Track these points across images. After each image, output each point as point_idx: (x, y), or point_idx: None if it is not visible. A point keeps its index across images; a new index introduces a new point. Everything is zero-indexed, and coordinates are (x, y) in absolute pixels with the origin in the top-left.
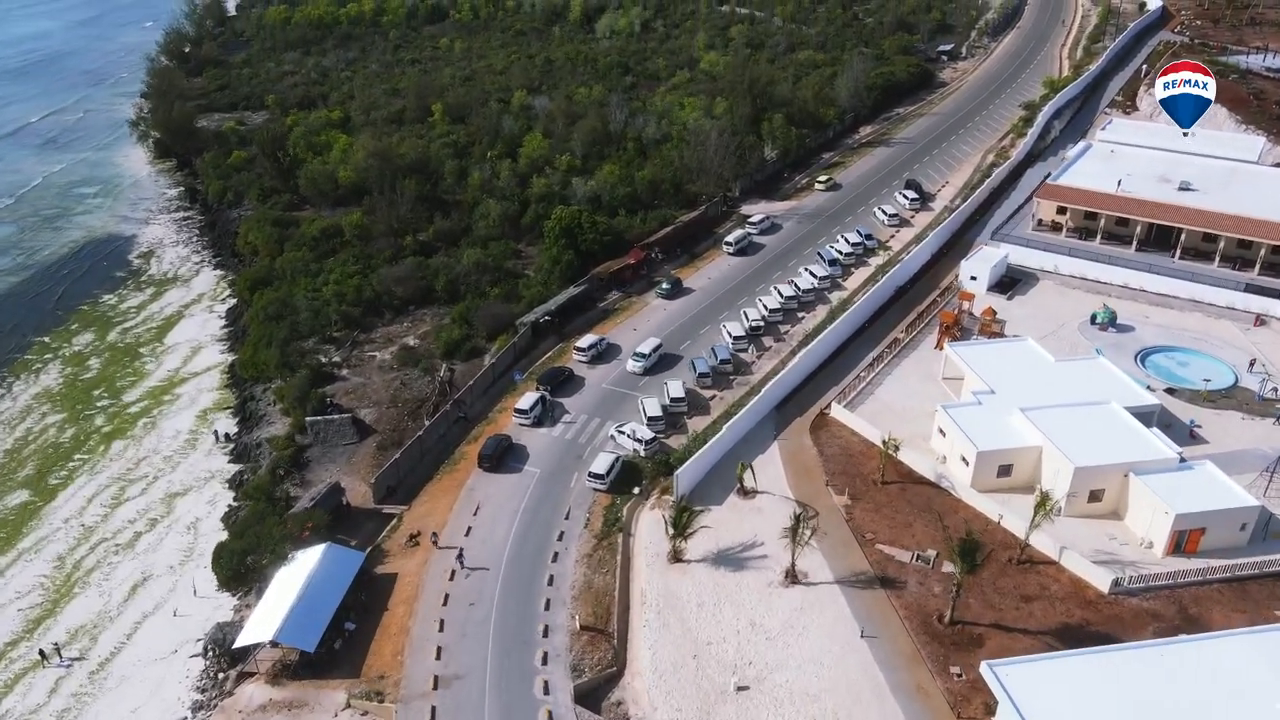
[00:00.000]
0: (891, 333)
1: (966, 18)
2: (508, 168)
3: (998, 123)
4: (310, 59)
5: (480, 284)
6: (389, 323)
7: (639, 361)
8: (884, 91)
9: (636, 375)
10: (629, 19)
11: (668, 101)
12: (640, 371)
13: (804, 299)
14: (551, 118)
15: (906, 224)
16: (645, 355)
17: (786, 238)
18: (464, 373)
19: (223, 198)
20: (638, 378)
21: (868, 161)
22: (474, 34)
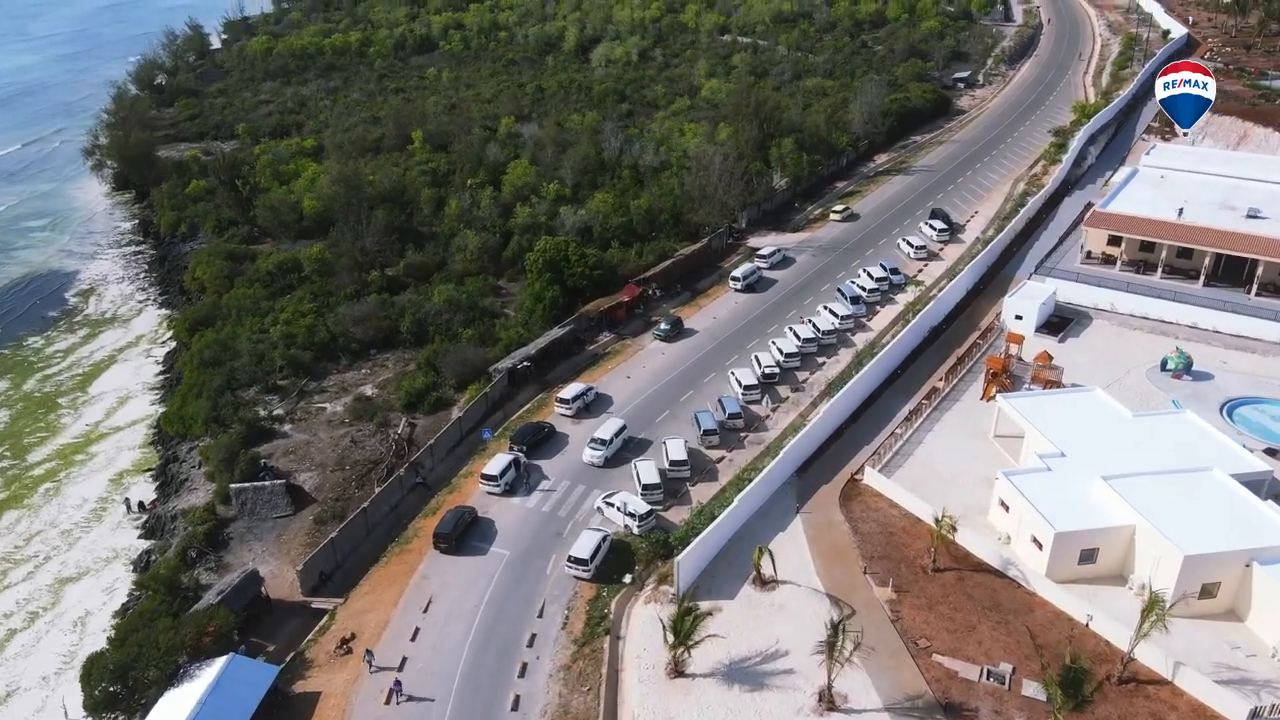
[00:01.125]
0: (928, 381)
1: (982, 45)
2: (489, 196)
3: (1025, 150)
4: (289, 89)
5: (452, 325)
6: (345, 369)
7: (598, 450)
8: (900, 118)
9: (596, 468)
10: (626, 48)
11: (667, 128)
12: (600, 463)
13: (824, 342)
14: (540, 145)
15: (935, 257)
16: (605, 442)
17: (801, 272)
18: (427, 428)
19: (175, 230)
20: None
21: (886, 190)
22: (464, 64)
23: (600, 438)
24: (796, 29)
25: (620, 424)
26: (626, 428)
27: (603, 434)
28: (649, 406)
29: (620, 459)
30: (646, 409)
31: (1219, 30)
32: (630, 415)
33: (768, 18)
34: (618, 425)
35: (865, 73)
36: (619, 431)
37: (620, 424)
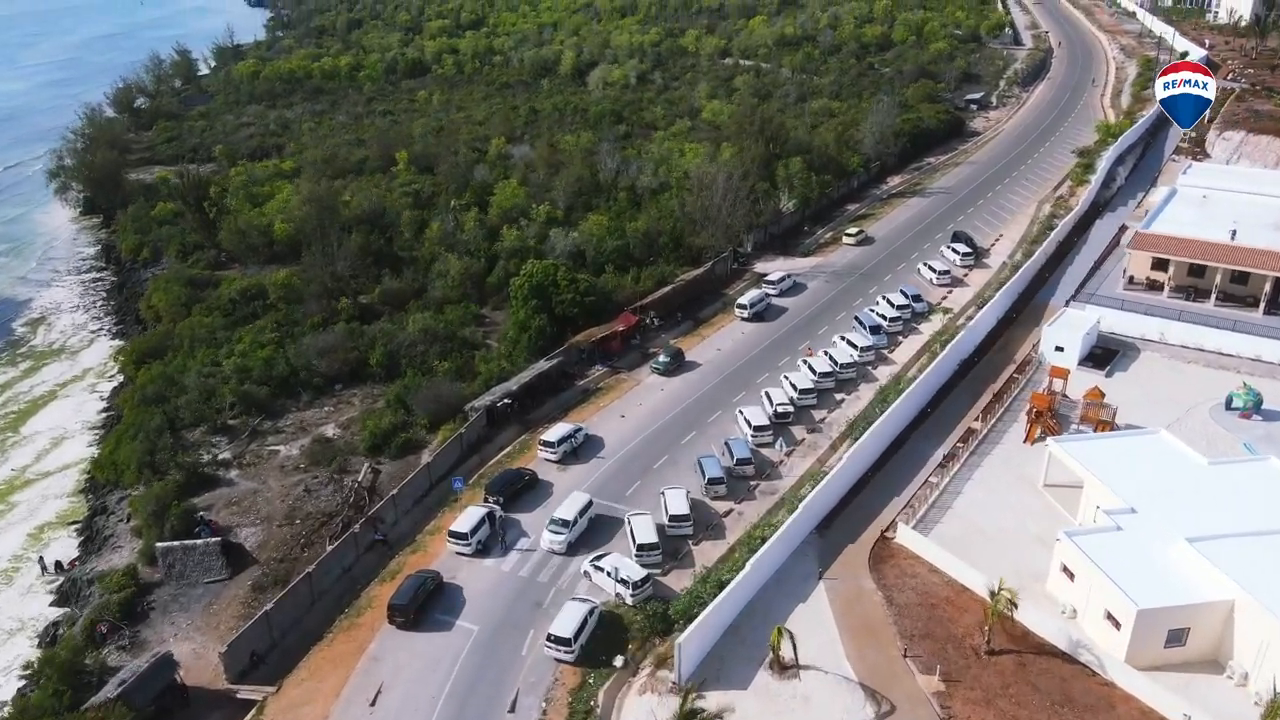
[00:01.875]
0: (963, 421)
1: (993, 68)
2: (474, 218)
3: (1047, 171)
4: (274, 112)
5: (427, 357)
6: (305, 406)
7: (560, 533)
8: (912, 138)
9: (559, 554)
10: (624, 71)
11: (666, 148)
12: (563, 549)
13: (843, 376)
14: (531, 167)
15: (960, 283)
16: (568, 523)
17: (813, 299)
18: (392, 475)
19: (137, 255)
20: (620, 482)
21: (902, 213)
22: (456, 88)
23: (562, 518)
24: (800, 52)
25: (585, 499)
26: (593, 503)
27: (564, 513)
28: (645, 450)
29: (586, 540)
30: (642, 453)
31: (1238, 53)
32: (624, 460)
33: (770, 41)
34: (582, 501)
35: (873, 94)
36: (584, 509)
37: (585, 499)
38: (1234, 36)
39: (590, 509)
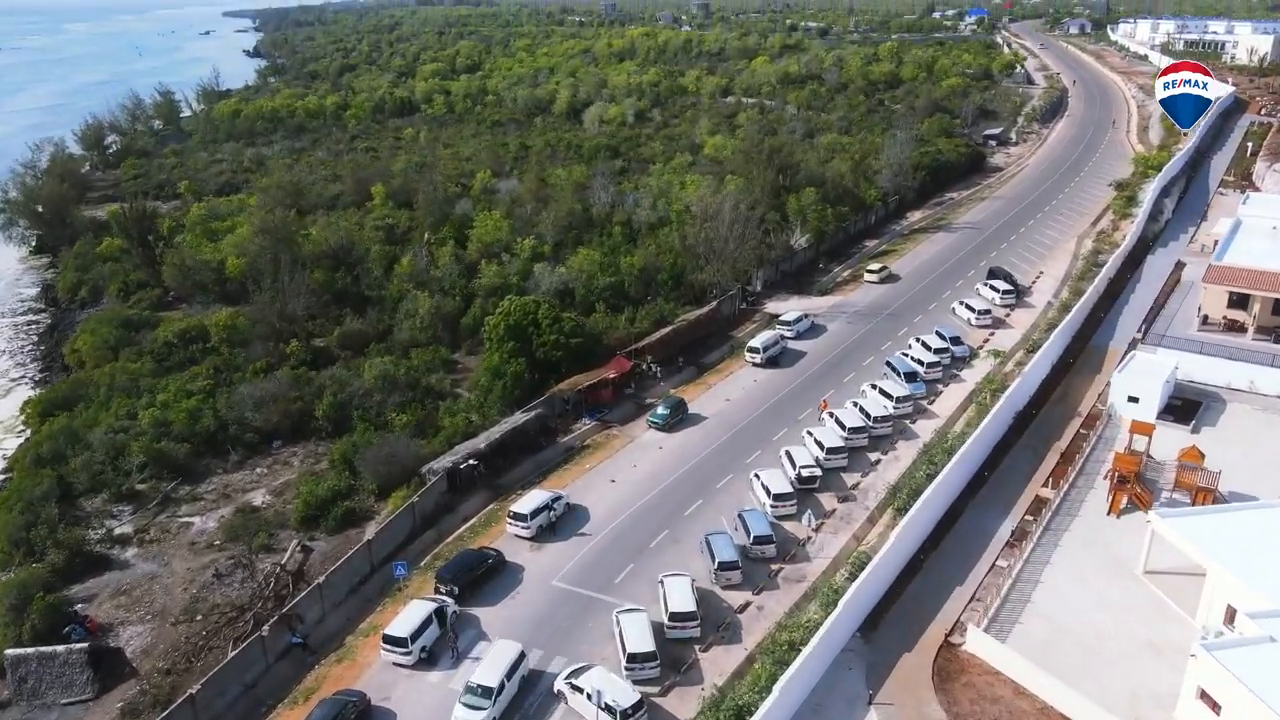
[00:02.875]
0: (1027, 487)
1: (1010, 104)
2: (450, 253)
3: (1083, 205)
4: (251, 149)
5: (384, 408)
6: (234, 467)
7: (479, 710)
8: (932, 172)
9: None
10: (621, 109)
11: (665, 180)
12: None
13: (877, 431)
14: (519, 201)
15: (1002, 323)
16: (491, 692)
17: (835, 342)
18: (327, 554)
19: (75, 294)
20: (608, 566)
21: (927, 249)
22: (445, 126)
23: (482, 684)
24: (806, 89)
25: (515, 652)
26: (525, 657)
27: (485, 676)
28: (640, 524)
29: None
30: (636, 528)
31: (1264, 90)
32: (614, 537)
33: (774, 79)
34: (511, 655)
35: (885, 129)
36: (514, 665)
37: (515, 652)
38: (1257, 75)
39: (523, 665)
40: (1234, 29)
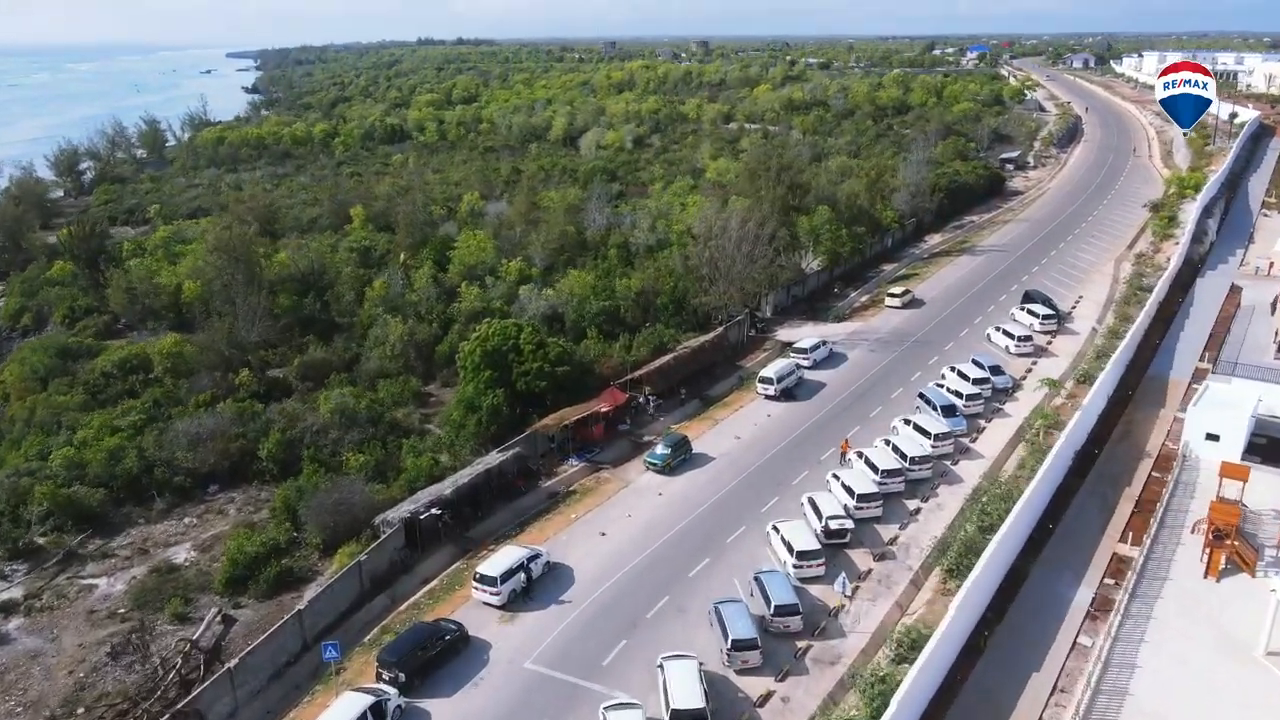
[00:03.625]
0: (1099, 542)
1: (1025, 129)
2: (428, 275)
3: (1116, 227)
4: (232, 175)
5: (340, 447)
6: (159, 516)
7: None
8: (950, 194)
9: None
10: (619, 134)
11: (665, 202)
12: None
13: (915, 474)
14: (508, 224)
15: (1044, 351)
16: None
17: (858, 372)
18: (254, 626)
19: (18, 321)
20: (595, 643)
21: (952, 272)
22: (437, 153)
23: None
24: (811, 114)
25: None
26: None
27: None
28: (635, 588)
29: None
30: (630, 593)
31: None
32: (603, 605)
33: (777, 105)
34: None
35: (897, 153)
36: None
37: None
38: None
39: None
40: (1243, 59)
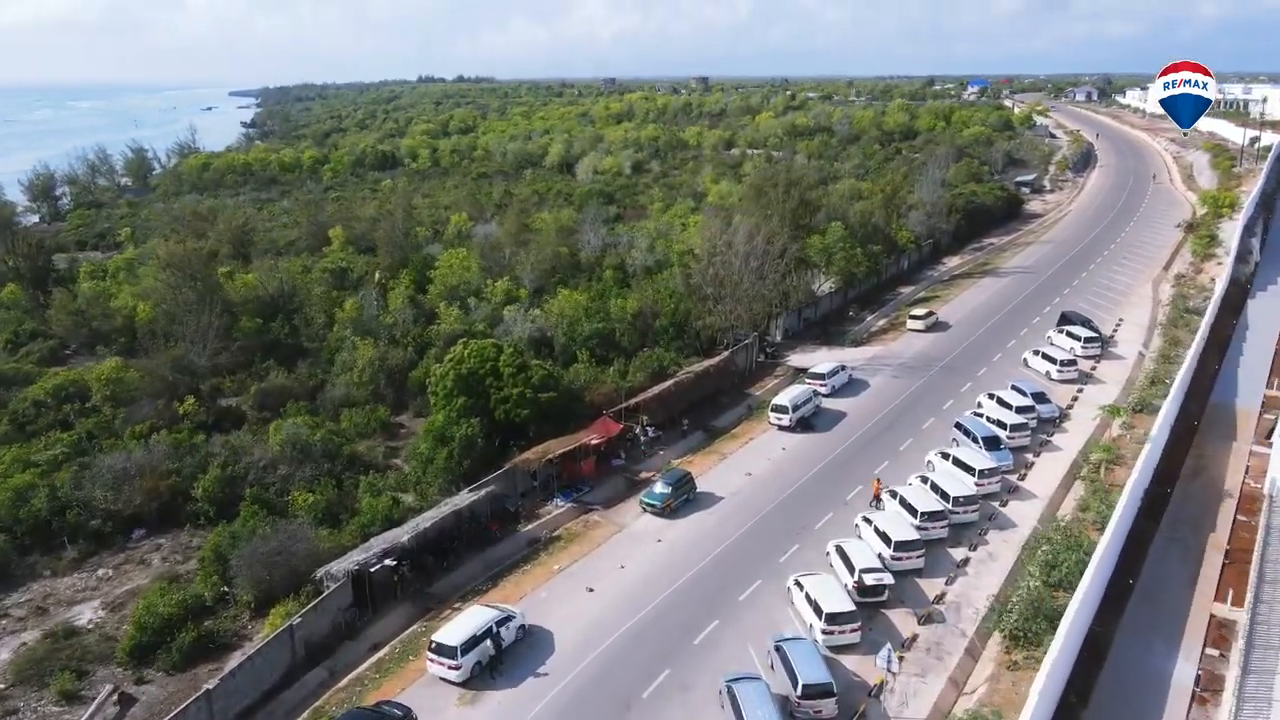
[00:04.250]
0: (1191, 600)
1: (1039, 153)
2: (405, 294)
3: (1148, 249)
4: (212, 200)
5: (288, 485)
6: (69, 567)
7: None
8: (967, 216)
9: None
10: (617, 160)
11: (665, 223)
12: None
13: (960, 517)
14: (496, 246)
15: (1090, 377)
16: None
17: (881, 401)
18: (157, 708)
19: None
20: None
21: (976, 294)
22: (428, 179)
23: None
24: (816, 140)
25: None
26: None
27: None
28: (629, 658)
29: None
30: (622, 664)
31: None
32: (589, 680)
33: (780, 131)
34: None
35: (908, 175)
36: None
37: None
38: None
39: None
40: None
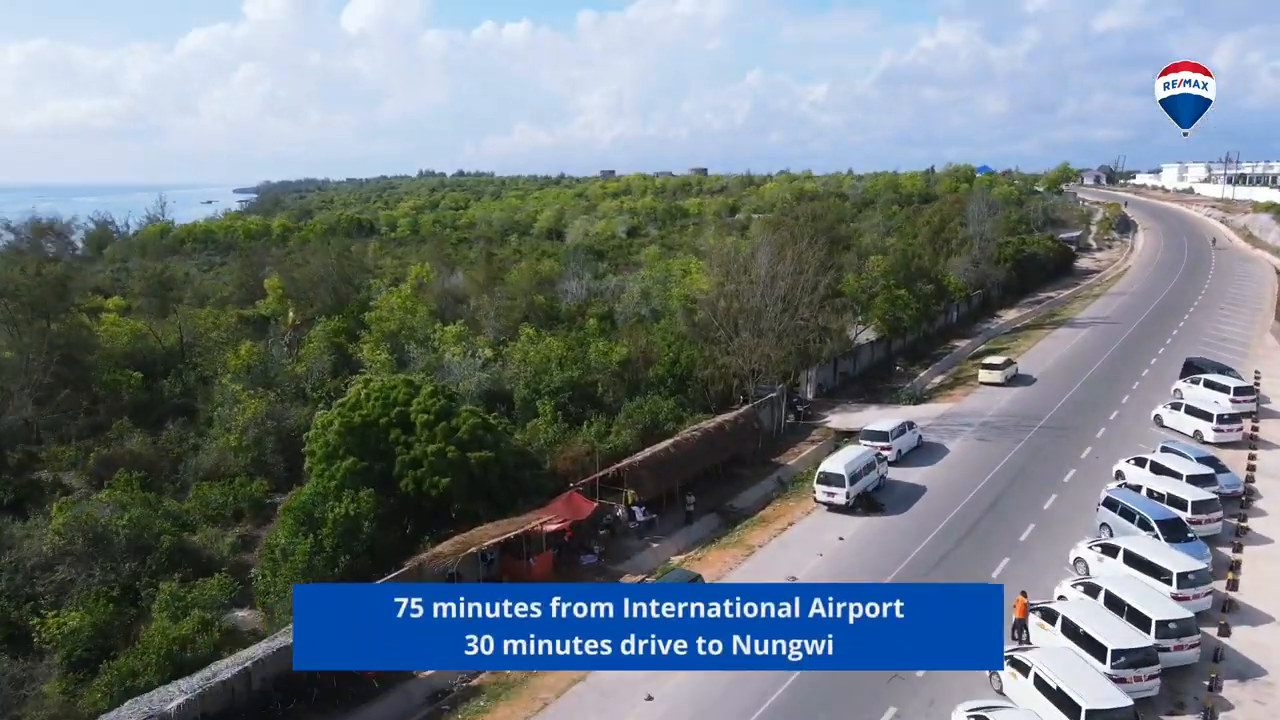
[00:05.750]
0: None
1: (1076, 213)
2: (323, 339)
3: (1247, 300)
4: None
5: (63, 595)
6: None
7: None
8: (1018, 266)
9: None
10: (611, 224)
11: (662, 270)
12: None
13: (1172, 657)
14: (458, 297)
15: (1255, 439)
16: None
17: (970, 470)
18: None
19: None
20: None
21: (1054, 345)
22: (404, 245)
23: None
24: (829, 202)
25: None
26: None
27: None
28: None
29: None
30: None
31: None
32: None
33: (789, 195)
34: None
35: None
36: None
37: None
38: None
39: None
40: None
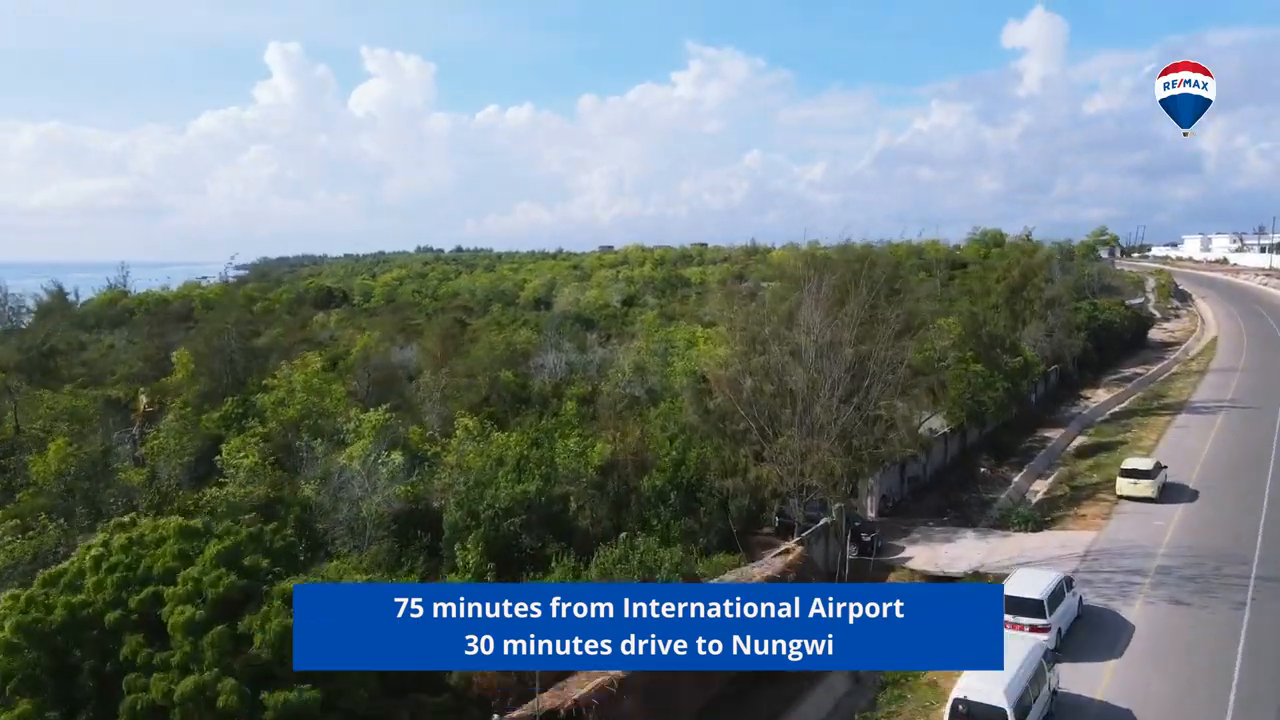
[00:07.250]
0: None
1: (1128, 278)
2: (177, 429)
3: None
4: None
5: None
6: None
7: None
8: (1094, 336)
9: None
10: (605, 294)
11: (661, 340)
12: None
13: None
14: (409, 375)
15: None
16: None
17: (1192, 663)
18: None
19: None
20: None
21: (1186, 438)
22: (374, 315)
23: None
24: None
25: None
26: None
27: None
28: None
29: None
30: None
31: None
32: None
33: (801, 263)
34: None
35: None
36: None
37: None
38: None
39: None
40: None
